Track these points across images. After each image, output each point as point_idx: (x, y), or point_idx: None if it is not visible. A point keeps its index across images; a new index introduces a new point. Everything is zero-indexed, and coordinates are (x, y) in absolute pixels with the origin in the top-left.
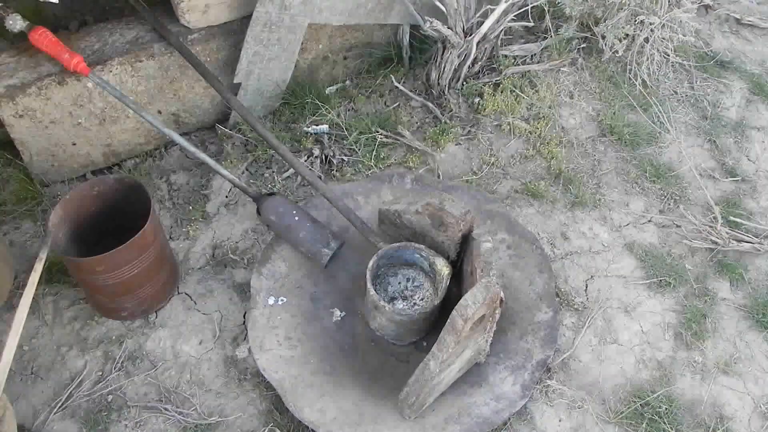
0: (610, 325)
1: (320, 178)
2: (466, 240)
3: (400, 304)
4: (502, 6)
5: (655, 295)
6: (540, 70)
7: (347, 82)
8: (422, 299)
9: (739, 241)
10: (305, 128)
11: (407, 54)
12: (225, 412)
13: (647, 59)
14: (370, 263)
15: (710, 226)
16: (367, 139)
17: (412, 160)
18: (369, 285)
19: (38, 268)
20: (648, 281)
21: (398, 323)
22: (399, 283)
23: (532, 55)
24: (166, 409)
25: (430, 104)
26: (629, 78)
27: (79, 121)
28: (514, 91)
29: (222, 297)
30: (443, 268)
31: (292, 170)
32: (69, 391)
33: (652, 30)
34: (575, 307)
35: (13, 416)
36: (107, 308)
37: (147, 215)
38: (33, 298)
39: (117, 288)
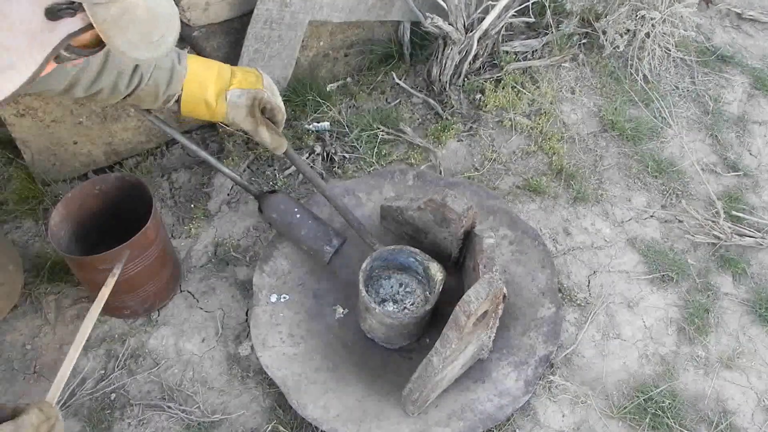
0: (612, 320)
1: (322, 175)
2: (468, 236)
3: (390, 307)
4: (503, 2)
5: (658, 290)
6: (541, 66)
7: (348, 79)
8: (413, 303)
9: (742, 235)
10: (306, 125)
11: (408, 51)
12: (228, 410)
13: (648, 54)
14: (364, 264)
15: (712, 221)
16: (368, 136)
17: (414, 156)
18: (361, 286)
19: (110, 282)
20: (650, 276)
21: (388, 326)
22: (391, 287)
23: (533, 51)
24: (169, 407)
25: (431, 101)
26: (630, 73)
27: (80, 119)
28: (515, 87)
29: (224, 295)
30: (437, 274)
31: (293, 168)
32: (72, 390)
33: (653, 25)
34: (578, 302)
35: (63, 429)
36: (109, 307)
37: (149, 214)
38: (35, 296)
39: (119, 286)
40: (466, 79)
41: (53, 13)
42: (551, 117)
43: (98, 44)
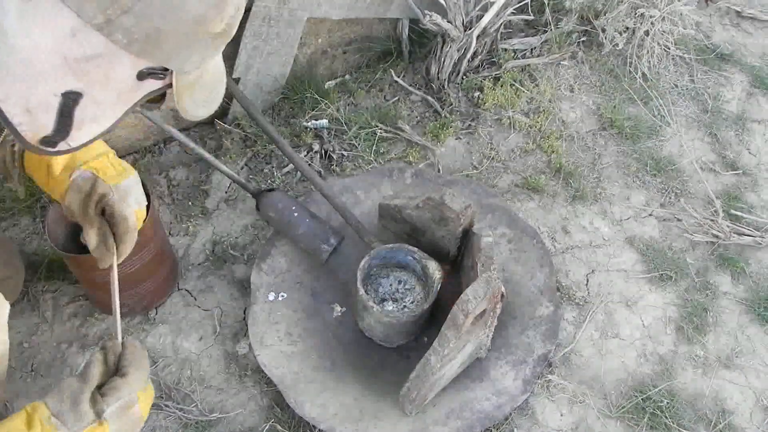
0: (611, 319)
1: (320, 173)
2: (466, 234)
3: (389, 306)
4: None
5: (657, 289)
6: (540, 64)
7: (347, 77)
8: (413, 302)
9: (741, 234)
10: (305, 123)
11: (407, 48)
12: (226, 408)
13: (647, 52)
14: (362, 263)
15: (711, 220)
16: (366, 134)
17: (412, 154)
18: (359, 285)
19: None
20: (649, 275)
21: (386, 325)
22: (390, 285)
23: (532, 49)
24: (166, 406)
25: (429, 98)
26: (629, 71)
27: None
28: (514, 84)
29: (222, 293)
30: (435, 272)
31: (291, 165)
32: None
33: (652, 23)
34: (576, 301)
35: (138, 348)
36: (107, 305)
37: (146, 211)
38: (33, 294)
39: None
40: (464, 76)
41: (143, 75)
42: (550, 115)
43: (160, 101)
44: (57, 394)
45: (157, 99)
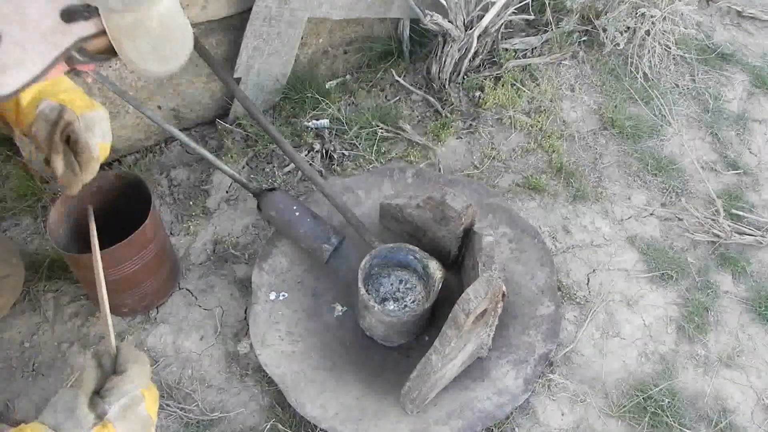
0: (612, 318)
1: (321, 173)
2: (467, 234)
3: (390, 306)
4: None
5: (658, 288)
6: (541, 64)
7: (347, 77)
8: (413, 301)
9: (742, 233)
10: (306, 123)
11: (408, 48)
12: (227, 408)
13: (648, 52)
14: (363, 263)
15: (712, 219)
16: (367, 134)
17: (413, 154)
18: (360, 284)
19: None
20: (650, 274)
21: (387, 324)
22: (391, 284)
23: (532, 49)
24: (167, 405)
25: (430, 98)
26: (630, 71)
27: None
28: (515, 84)
29: (223, 292)
30: (436, 272)
31: (292, 165)
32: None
33: (653, 22)
34: (577, 300)
35: (131, 348)
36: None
37: (148, 211)
38: (34, 294)
39: (118, 284)
40: (465, 76)
41: (69, 15)
42: (551, 115)
43: (112, 51)
44: (51, 408)
45: (106, 51)
